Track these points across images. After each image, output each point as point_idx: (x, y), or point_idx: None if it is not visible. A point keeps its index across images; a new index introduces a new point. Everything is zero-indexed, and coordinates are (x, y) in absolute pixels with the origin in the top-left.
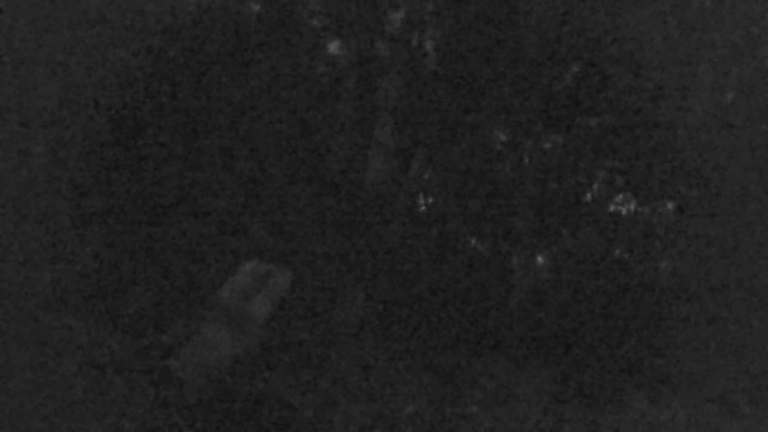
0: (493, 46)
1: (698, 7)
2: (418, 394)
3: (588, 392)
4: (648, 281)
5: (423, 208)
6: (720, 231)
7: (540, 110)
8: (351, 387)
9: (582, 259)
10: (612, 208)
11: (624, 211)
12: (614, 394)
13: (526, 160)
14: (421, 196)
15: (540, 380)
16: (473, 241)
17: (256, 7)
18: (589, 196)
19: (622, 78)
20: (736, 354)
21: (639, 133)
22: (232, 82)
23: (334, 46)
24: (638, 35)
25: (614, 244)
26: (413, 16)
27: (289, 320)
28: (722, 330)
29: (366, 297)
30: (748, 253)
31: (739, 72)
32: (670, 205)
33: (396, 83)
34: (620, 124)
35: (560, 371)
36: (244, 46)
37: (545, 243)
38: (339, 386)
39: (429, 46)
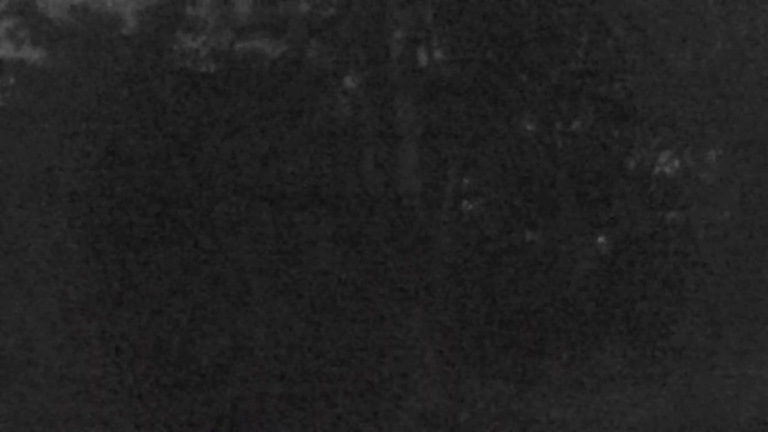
0: (499, 39)
1: None
2: (475, 399)
3: (659, 372)
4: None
5: (470, 207)
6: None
7: (561, 90)
8: (411, 389)
9: (639, 232)
10: (657, 170)
11: (669, 170)
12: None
13: (559, 143)
14: (464, 201)
15: (611, 364)
16: (528, 234)
17: (272, 55)
18: (632, 163)
19: (633, 38)
20: None
21: (668, 88)
22: (257, 123)
23: (348, 80)
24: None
25: (668, 207)
26: (413, 30)
27: (348, 331)
28: None
29: (425, 307)
30: None
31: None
32: (712, 154)
33: (410, 100)
34: (643, 82)
35: (628, 353)
36: (265, 91)
37: (599, 221)
38: (399, 388)
39: (439, 54)
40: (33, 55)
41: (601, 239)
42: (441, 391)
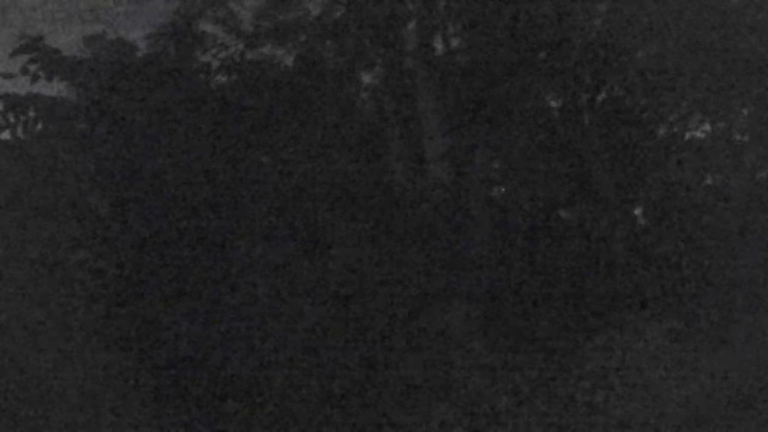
0: (514, 19)
1: None
2: (517, 385)
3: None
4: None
5: (501, 191)
6: None
7: (583, 63)
8: (453, 378)
9: (676, 201)
10: (688, 135)
11: (701, 134)
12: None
13: (586, 117)
14: (494, 186)
15: (653, 340)
16: (563, 213)
17: (289, 61)
18: (662, 131)
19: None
20: None
21: (689, 49)
22: (277, 128)
23: (366, 75)
24: None
25: (704, 171)
26: (427, 20)
27: (386, 325)
28: None
29: (463, 296)
30: None
31: None
32: (745, 112)
33: (430, 90)
34: (665, 46)
35: (672, 327)
36: (282, 96)
37: (635, 193)
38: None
39: (455, 41)
40: (50, 88)
41: (637, 211)
42: (482, 378)
